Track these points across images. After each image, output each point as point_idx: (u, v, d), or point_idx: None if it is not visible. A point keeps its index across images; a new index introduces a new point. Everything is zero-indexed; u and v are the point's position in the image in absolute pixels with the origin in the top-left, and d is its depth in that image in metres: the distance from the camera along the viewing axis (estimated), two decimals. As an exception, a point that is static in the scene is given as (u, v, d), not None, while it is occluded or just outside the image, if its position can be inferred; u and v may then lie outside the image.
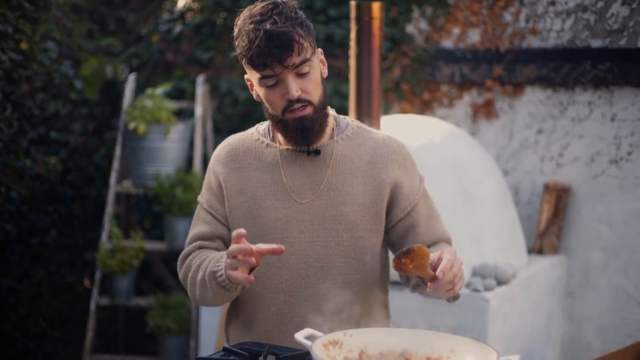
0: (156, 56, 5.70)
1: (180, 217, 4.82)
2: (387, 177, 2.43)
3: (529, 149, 4.78)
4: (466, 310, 3.81)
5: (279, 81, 2.31)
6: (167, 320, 4.70)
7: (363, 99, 3.84)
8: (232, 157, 2.48)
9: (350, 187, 2.41)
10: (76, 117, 5.49)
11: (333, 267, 2.41)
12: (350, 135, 2.47)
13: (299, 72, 2.31)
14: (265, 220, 2.41)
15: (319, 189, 2.41)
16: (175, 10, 5.78)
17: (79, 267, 5.46)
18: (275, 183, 2.43)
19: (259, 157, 2.46)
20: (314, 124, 2.36)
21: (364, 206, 2.41)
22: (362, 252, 2.43)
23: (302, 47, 2.28)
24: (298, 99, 2.32)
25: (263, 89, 2.35)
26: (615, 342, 4.55)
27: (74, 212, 5.43)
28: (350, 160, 2.44)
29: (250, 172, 2.45)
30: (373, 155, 2.45)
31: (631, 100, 4.49)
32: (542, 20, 4.72)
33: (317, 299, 2.41)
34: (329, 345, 2.09)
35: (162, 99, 4.86)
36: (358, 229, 2.41)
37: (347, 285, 2.42)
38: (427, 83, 5.05)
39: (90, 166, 5.54)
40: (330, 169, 2.42)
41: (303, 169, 2.43)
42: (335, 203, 2.40)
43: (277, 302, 2.43)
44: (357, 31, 3.81)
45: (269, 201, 2.42)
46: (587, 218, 4.63)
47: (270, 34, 2.25)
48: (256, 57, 2.27)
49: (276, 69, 2.28)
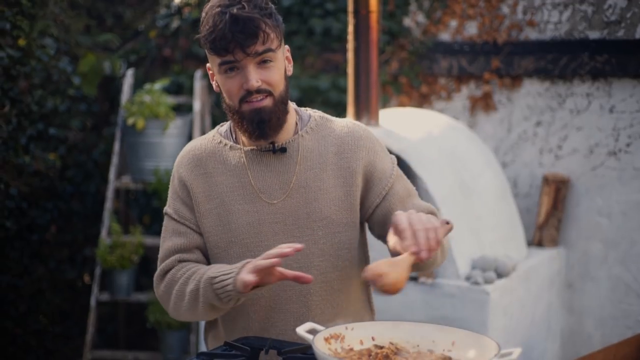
0: (154, 52, 5.70)
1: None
2: (356, 165, 2.35)
3: (528, 142, 4.78)
4: (466, 303, 3.82)
5: (239, 69, 2.22)
6: (167, 316, 4.70)
7: (361, 93, 3.85)
8: (196, 162, 2.37)
9: (321, 182, 2.33)
10: (74, 114, 5.49)
11: (312, 267, 2.33)
12: (314, 127, 2.38)
13: (261, 61, 2.23)
14: (237, 225, 2.33)
15: (289, 188, 2.33)
16: (172, 5, 5.77)
17: (79, 263, 5.47)
18: (244, 186, 2.34)
19: (223, 160, 2.36)
20: (271, 117, 2.26)
21: (337, 200, 2.34)
22: (340, 248, 2.35)
23: (267, 36, 2.21)
24: (257, 90, 2.23)
25: (222, 76, 2.26)
26: (615, 333, 4.55)
27: (73, 208, 5.43)
28: (318, 154, 2.35)
29: (216, 177, 2.35)
30: (340, 145, 2.36)
31: (629, 92, 4.49)
32: (540, 12, 4.72)
33: (297, 301, 2.35)
34: (330, 339, 2.08)
35: (160, 94, 4.85)
36: (333, 224, 2.34)
37: (327, 283, 2.35)
38: (425, 76, 5.05)
39: (89, 162, 5.54)
40: (298, 166, 2.34)
41: (270, 169, 2.34)
42: (308, 200, 2.33)
43: (257, 309, 2.36)
44: (355, 24, 3.81)
45: (238, 205, 2.33)
46: (586, 210, 4.64)
47: (236, 18, 2.16)
48: (218, 40, 2.18)
49: (237, 55, 2.19)
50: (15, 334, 5.03)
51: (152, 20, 5.88)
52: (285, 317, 2.35)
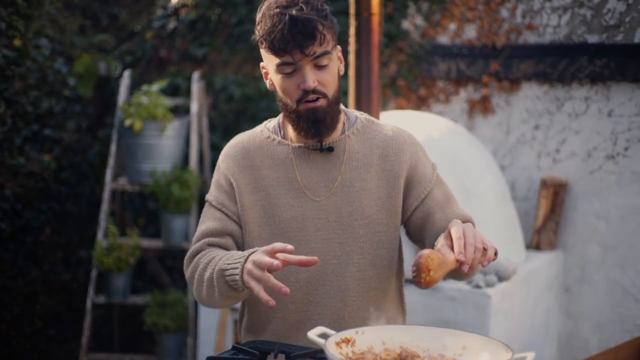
0: (150, 53, 5.67)
1: (177, 215, 4.79)
2: (399, 168, 2.42)
3: (526, 145, 4.78)
4: (468, 307, 3.80)
5: (296, 69, 2.28)
6: (164, 318, 4.67)
7: (363, 95, 3.83)
8: (243, 155, 2.45)
9: (365, 182, 2.40)
10: (70, 115, 5.46)
11: (350, 264, 2.39)
12: (360, 129, 2.46)
13: (318, 64, 2.29)
14: (281, 218, 2.39)
15: (333, 186, 2.40)
16: (169, 6, 5.74)
17: (73, 266, 5.43)
18: (290, 181, 2.41)
19: (271, 154, 2.43)
20: (326, 117, 2.33)
21: (379, 200, 2.40)
22: (379, 247, 2.41)
23: (324, 38, 2.27)
24: (314, 90, 2.29)
25: (279, 76, 2.32)
26: (613, 337, 4.55)
27: (68, 210, 5.40)
28: (363, 155, 2.42)
29: (263, 171, 2.42)
30: (384, 148, 2.43)
31: (628, 96, 4.49)
32: (539, 15, 4.71)
33: (335, 295, 2.40)
34: (342, 343, 2.07)
35: (158, 95, 4.83)
36: (374, 224, 2.40)
37: (365, 280, 2.41)
38: (424, 79, 5.04)
39: (83, 164, 5.51)
40: (344, 165, 2.41)
41: (317, 166, 2.41)
42: (351, 199, 2.39)
43: (295, 301, 2.41)
44: (357, 27, 3.79)
45: (284, 200, 2.40)
46: (584, 214, 4.64)
47: (295, 19, 2.23)
48: (277, 41, 2.24)
49: (296, 56, 2.26)
50: (10, 337, 4.99)
51: (148, 21, 5.86)
52: (322, 311, 2.41)
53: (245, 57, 5.42)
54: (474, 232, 2.10)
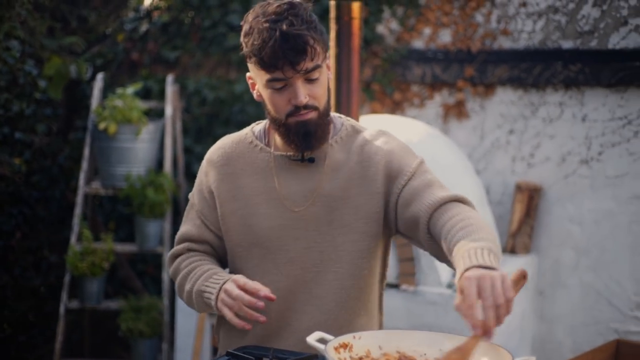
0: (121, 55, 5.63)
1: (152, 219, 4.75)
2: (374, 173, 2.35)
3: (500, 149, 4.81)
4: (449, 311, 3.81)
5: (287, 85, 2.23)
6: (139, 324, 4.63)
7: (342, 99, 3.83)
8: (225, 161, 2.42)
9: (344, 192, 2.35)
10: (40, 118, 5.39)
11: (329, 272, 2.36)
12: (344, 137, 2.40)
13: (309, 78, 2.24)
14: (259, 228, 2.36)
15: (312, 196, 2.35)
16: (141, 9, 5.70)
17: (44, 270, 5.36)
18: (269, 191, 2.37)
19: (252, 162, 2.40)
20: (316, 129, 2.29)
21: (357, 208, 2.35)
22: (358, 256, 2.37)
23: (315, 52, 2.22)
24: (305, 105, 2.25)
25: (269, 91, 2.27)
26: (587, 340, 4.59)
27: (39, 214, 5.33)
28: (343, 164, 2.37)
29: (243, 179, 2.39)
30: (360, 154, 2.37)
31: (602, 101, 4.54)
32: (514, 21, 4.75)
33: (314, 303, 2.37)
34: (340, 348, 2.07)
35: (132, 98, 4.79)
36: (352, 232, 2.35)
37: (344, 290, 2.37)
38: (398, 83, 5.05)
39: (54, 167, 5.44)
40: (324, 175, 2.36)
41: (297, 177, 2.37)
42: (330, 209, 2.35)
43: (275, 308, 2.37)
44: (337, 31, 3.79)
45: (262, 209, 2.36)
46: (558, 218, 4.68)
47: (286, 35, 2.17)
48: (268, 57, 2.19)
49: (287, 73, 2.21)
50: (-21, 343, 4.92)
51: (119, 24, 5.80)
52: (300, 318, 2.38)
53: (218, 60, 5.39)
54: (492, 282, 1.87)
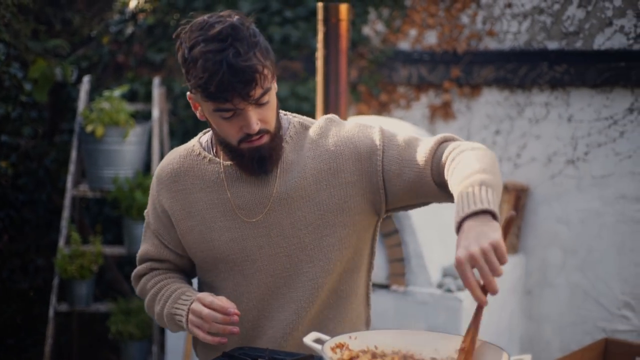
0: (106, 58, 5.62)
1: (140, 221, 4.74)
2: (338, 163, 2.25)
3: (487, 150, 4.83)
4: (440, 311, 3.83)
5: (236, 113, 2.12)
6: (129, 326, 4.62)
7: (330, 101, 3.84)
8: (174, 178, 2.32)
9: (302, 190, 2.25)
10: (26, 120, 5.37)
11: (301, 274, 2.28)
12: (293, 136, 2.30)
13: (260, 103, 2.13)
14: (220, 242, 2.28)
15: (269, 202, 2.26)
16: (126, 11, 5.69)
17: (31, 273, 5.34)
18: (223, 203, 2.27)
19: (201, 175, 2.30)
20: (271, 153, 2.20)
21: (320, 204, 2.25)
22: (329, 251, 2.27)
23: (264, 78, 2.10)
24: (257, 131, 2.15)
25: (216, 118, 2.15)
26: (574, 340, 4.62)
27: (25, 216, 5.31)
28: (297, 163, 2.27)
29: (195, 194, 2.30)
30: (315, 149, 2.27)
31: (587, 101, 4.57)
32: (499, 22, 4.77)
33: (288, 308, 2.31)
34: (336, 348, 2.07)
35: (119, 101, 4.78)
36: (320, 228, 2.26)
37: (318, 289, 2.30)
38: (385, 84, 5.07)
39: (40, 170, 5.43)
40: (278, 179, 2.26)
41: (249, 185, 2.27)
42: (291, 210, 2.26)
43: (250, 319, 2.33)
44: (325, 33, 3.79)
45: (220, 223, 2.28)
46: (545, 218, 4.70)
47: (234, 68, 2.05)
48: (216, 90, 2.06)
49: (237, 104, 2.09)
50: (-33, 347, 4.90)
51: (104, 26, 5.79)
52: (275, 325, 2.32)
53: (204, 62, 5.38)
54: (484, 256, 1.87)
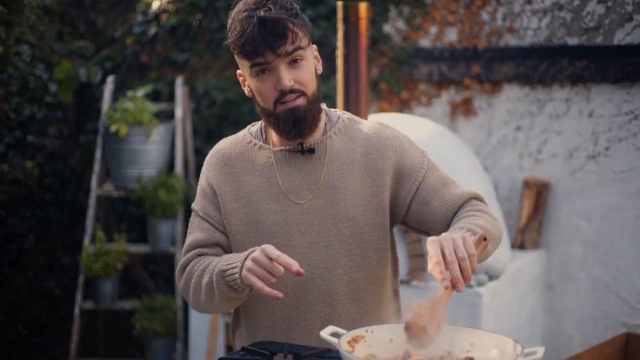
0: (130, 58, 5.67)
1: (164, 220, 4.80)
2: (384, 166, 2.35)
3: (508, 146, 4.84)
4: (459, 306, 3.85)
5: (270, 70, 2.23)
6: (153, 323, 4.67)
7: (351, 99, 3.87)
8: (224, 162, 2.41)
9: (348, 183, 2.34)
10: (51, 121, 5.45)
11: (338, 267, 2.34)
12: (342, 128, 2.39)
13: (292, 61, 2.24)
14: (264, 224, 2.34)
15: (316, 188, 2.34)
16: (149, 12, 5.75)
17: (57, 272, 5.42)
18: (271, 186, 2.35)
19: (252, 160, 2.39)
20: (306, 116, 2.27)
21: (364, 200, 2.34)
22: (366, 248, 2.35)
23: (296, 36, 2.22)
24: (291, 90, 2.24)
25: (254, 79, 2.27)
26: (596, 334, 4.62)
27: (51, 216, 5.38)
28: (345, 155, 2.36)
29: (244, 177, 2.38)
30: (367, 147, 2.37)
31: (608, 97, 4.57)
32: (519, 18, 4.78)
33: (323, 300, 2.35)
34: (353, 342, 2.09)
35: (143, 101, 4.83)
36: (360, 225, 2.34)
37: (353, 283, 2.36)
38: (405, 82, 5.09)
39: (66, 170, 5.49)
40: (326, 167, 2.34)
41: (298, 169, 2.35)
42: (334, 201, 2.33)
43: (283, 308, 2.37)
44: (345, 31, 3.83)
45: (266, 205, 2.35)
46: (566, 213, 4.71)
47: (264, 20, 2.18)
48: (248, 44, 2.20)
49: (268, 57, 2.21)
50: (-5, 345, 4.98)
51: (128, 27, 5.85)
52: (311, 317, 2.36)
53: (226, 62, 5.43)
54: (451, 243, 2.00)
